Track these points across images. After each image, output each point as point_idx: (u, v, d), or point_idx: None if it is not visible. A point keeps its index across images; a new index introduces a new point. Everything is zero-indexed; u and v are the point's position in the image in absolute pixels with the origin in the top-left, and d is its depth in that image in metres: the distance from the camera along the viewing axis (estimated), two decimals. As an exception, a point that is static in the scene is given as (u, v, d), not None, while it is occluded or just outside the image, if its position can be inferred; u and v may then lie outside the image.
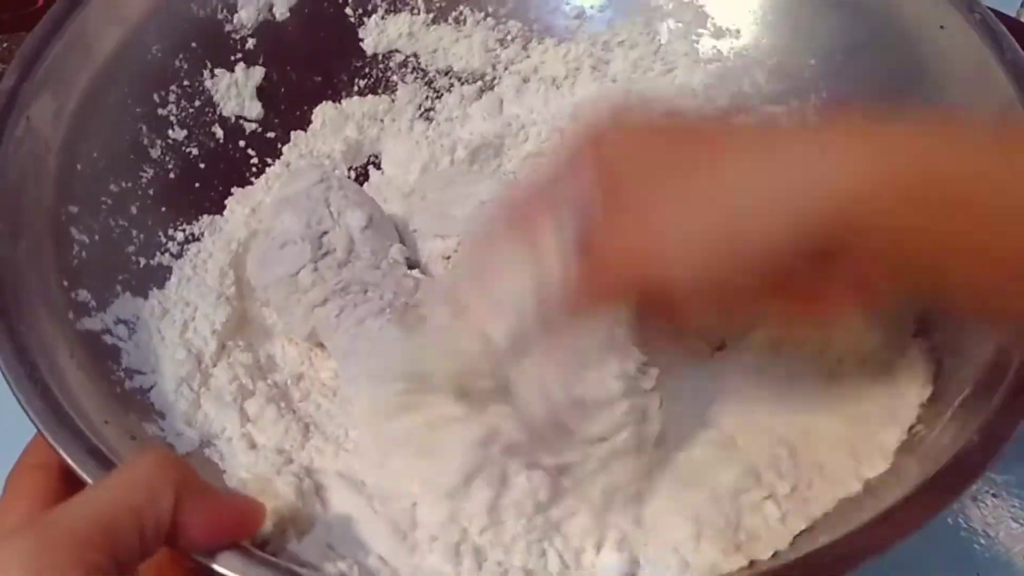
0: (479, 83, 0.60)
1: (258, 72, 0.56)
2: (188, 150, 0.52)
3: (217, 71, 0.54)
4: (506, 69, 0.60)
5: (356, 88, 0.58)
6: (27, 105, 0.45)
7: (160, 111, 0.52)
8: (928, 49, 0.50)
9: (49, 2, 0.48)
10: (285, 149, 0.56)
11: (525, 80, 0.60)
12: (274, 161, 0.55)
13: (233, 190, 0.53)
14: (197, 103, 0.53)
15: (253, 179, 0.54)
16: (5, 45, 0.67)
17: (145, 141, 0.51)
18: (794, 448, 0.42)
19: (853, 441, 0.42)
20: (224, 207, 0.53)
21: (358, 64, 0.59)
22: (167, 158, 0.51)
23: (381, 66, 0.59)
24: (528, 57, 0.60)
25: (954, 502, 0.36)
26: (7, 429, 0.37)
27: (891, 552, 0.34)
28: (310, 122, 0.57)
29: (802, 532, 0.39)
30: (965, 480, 0.36)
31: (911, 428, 0.42)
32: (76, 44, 0.48)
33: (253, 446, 0.41)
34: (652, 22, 0.59)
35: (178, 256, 0.49)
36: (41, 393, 0.37)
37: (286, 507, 0.37)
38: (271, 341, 0.49)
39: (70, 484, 0.36)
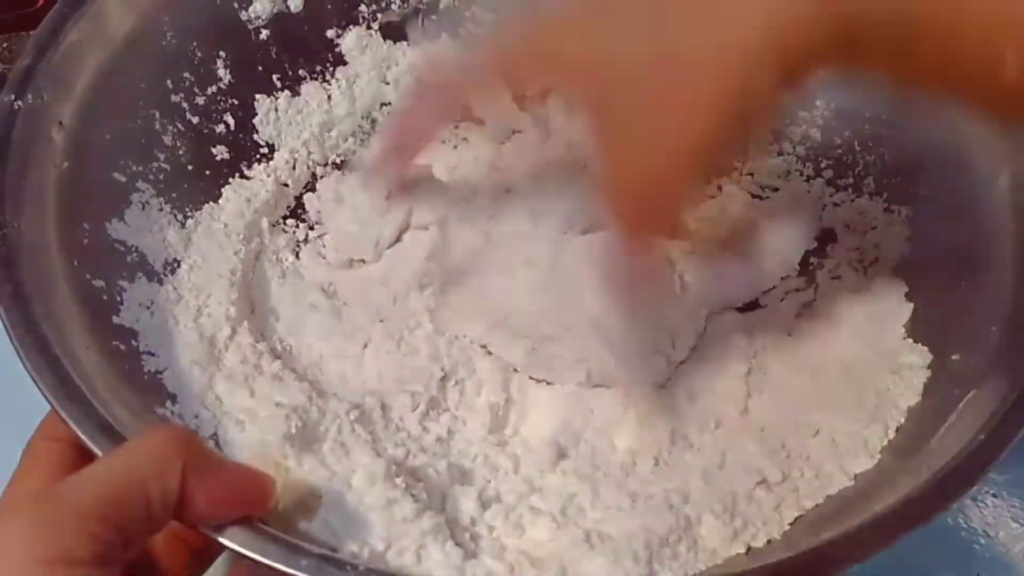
0: (491, 84, 0.60)
1: (298, 101, 0.56)
2: (200, 138, 0.52)
3: (258, 96, 0.55)
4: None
5: (368, 83, 0.59)
6: (41, 85, 0.45)
7: (173, 98, 0.52)
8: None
9: (49, 2, 0.48)
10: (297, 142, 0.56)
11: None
12: (283, 151, 0.55)
13: (230, 180, 0.53)
14: (210, 91, 0.53)
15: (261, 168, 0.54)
16: (5, 45, 0.67)
17: (158, 127, 0.51)
18: (784, 439, 0.43)
19: (839, 437, 0.43)
20: (221, 195, 0.52)
21: (371, 59, 0.59)
22: (179, 144, 0.51)
23: (394, 62, 0.59)
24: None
25: (957, 502, 0.36)
26: (25, 403, 0.37)
27: (891, 551, 0.35)
28: (322, 114, 0.57)
29: (796, 521, 0.40)
30: (969, 480, 0.36)
31: (898, 428, 0.43)
32: (92, 26, 0.48)
33: (258, 426, 0.41)
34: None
35: (188, 244, 0.49)
36: (52, 366, 0.37)
37: (290, 486, 0.37)
38: (281, 325, 0.49)
39: (85, 458, 0.35)
